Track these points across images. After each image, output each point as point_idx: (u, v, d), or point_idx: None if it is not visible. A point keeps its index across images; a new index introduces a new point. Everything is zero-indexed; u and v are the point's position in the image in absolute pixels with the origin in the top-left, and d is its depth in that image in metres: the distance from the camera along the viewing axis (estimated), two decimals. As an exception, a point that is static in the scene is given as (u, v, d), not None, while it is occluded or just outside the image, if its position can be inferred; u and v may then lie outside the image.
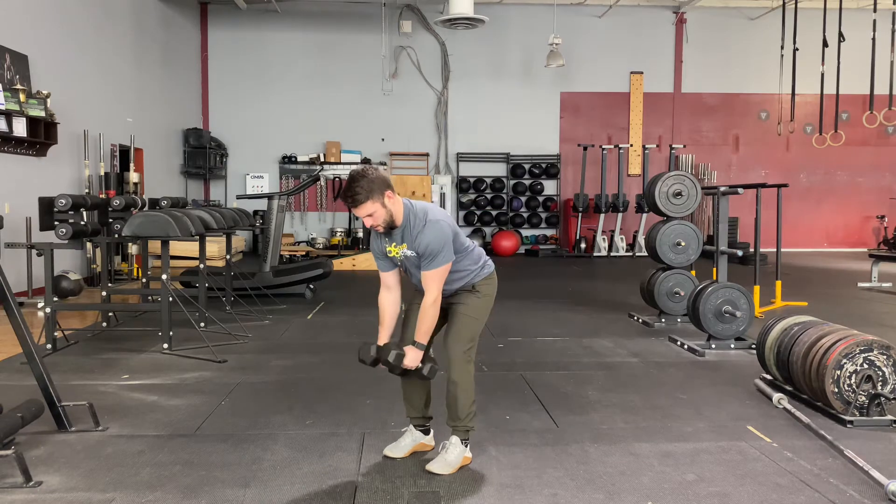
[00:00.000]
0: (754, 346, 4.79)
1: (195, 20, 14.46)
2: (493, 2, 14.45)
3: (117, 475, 3.02)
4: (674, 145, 14.42)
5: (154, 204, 6.71)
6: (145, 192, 10.91)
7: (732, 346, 5.40)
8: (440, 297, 3.02)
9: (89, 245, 8.96)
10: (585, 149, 14.18)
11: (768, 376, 4.40)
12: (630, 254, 14.24)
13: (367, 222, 2.96)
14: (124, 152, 10.61)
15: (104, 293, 6.13)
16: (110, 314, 6.26)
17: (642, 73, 15.27)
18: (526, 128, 15.11)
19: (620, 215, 14.39)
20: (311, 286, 8.38)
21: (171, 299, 5.27)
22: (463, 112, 15.05)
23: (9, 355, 5.06)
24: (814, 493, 2.87)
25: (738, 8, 15.04)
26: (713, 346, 5.39)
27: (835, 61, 10.63)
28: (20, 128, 7.70)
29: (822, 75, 10.89)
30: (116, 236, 6.01)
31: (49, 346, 5.24)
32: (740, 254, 5.62)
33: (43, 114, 8.05)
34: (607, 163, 14.23)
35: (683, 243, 6.41)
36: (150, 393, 4.27)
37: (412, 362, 3.02)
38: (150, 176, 11.65)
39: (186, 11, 13.87)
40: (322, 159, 14.72)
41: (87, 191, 9.23)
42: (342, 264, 11.42)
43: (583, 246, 14.21)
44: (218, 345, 5.50)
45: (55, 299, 5.53)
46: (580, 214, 14.21)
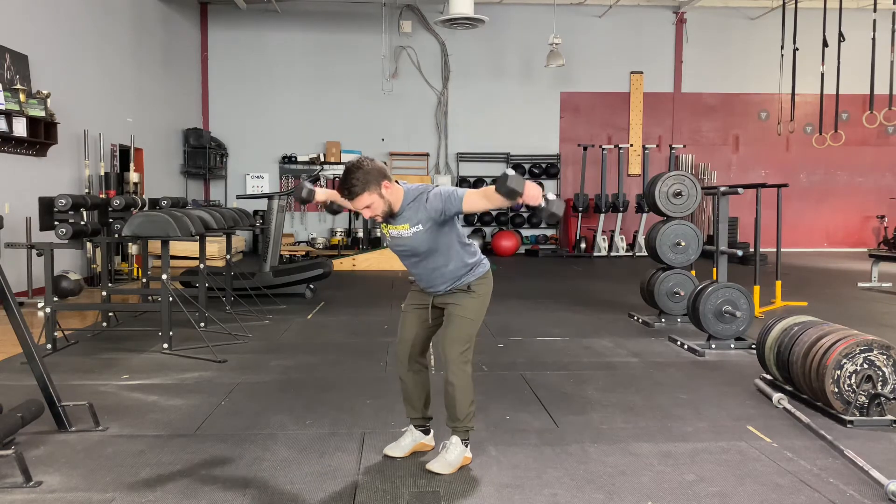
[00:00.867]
0: (754, 346, 4.79)
1: (195, 20, 14.46)
2: (493, 2, 14.46)
3: (117, 475, 3.01)
4: (674, 145, 14.42)
5: (154, 204, 6.71)
6: (145, 192, 10.92)
7: (732, 346, 5.40)
8: (487, 193, 2.80)
9: (89, 245, 8.96)
10: (585, 149, 14.18)
11: (768, 376, 4.40)
12: (630, 254, 14.24)
13: (366, 214, 2.93)
14: (124, 152, 10.61)
15: (104, 293, 6.13)
16: (110, 314, 6.25)
17: (642, 73, 15.27)
18: (526, 128, 15.12)
19: (620, 215, 14.40)
20: (311, 286, 8.38)
21: (171, 299, 5.27)
22: (463, 112, 15.05)
23: (9, 355, 5.06)
24: (814, 493, 2.87)
25: (738, 8, 15.04)
26: (713, 346, 5.39)
27: (835, 61, 10.64)
28: (20, 128, 7.70)
29: (822, 75, 10.90)
30: (116, 236, 6.01)
31: (49, 346, 5.24)
32: (740, 254, 5.62)
33: (43, 114, 8.05)
34: (607, 163, 14.23)
35: (683, 243, 6.41)
36: (150, 393, 4.27)
37: (534, 191, 2.70)
38: (150, 176, 11.65)
39: (186, 11, 13.87)
40: (322, 159, 14.72)
41: (87, 191, 9.23)
42: (342, 264, 11.42)
43: (583, 246, 14.21)
44: (218, 345, 5.50)
45: (55, 299, 5.53)
46: (580, 214, 14.21)
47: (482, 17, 11.22)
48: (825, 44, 10.75)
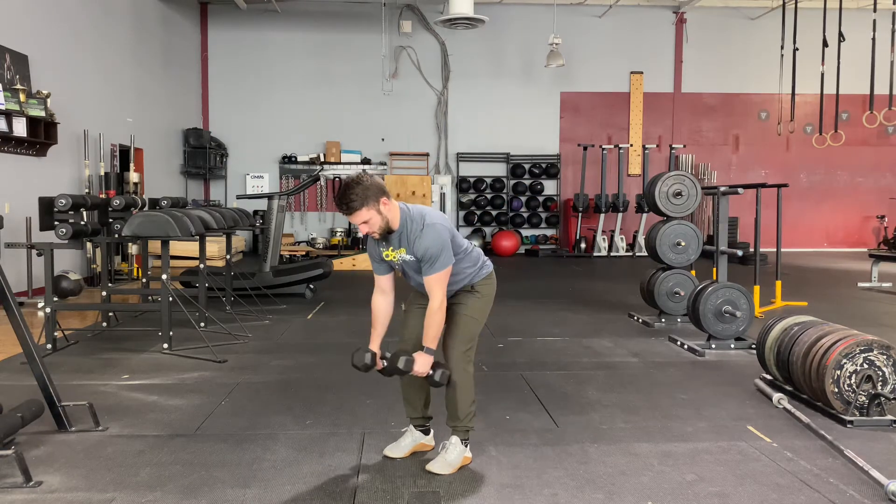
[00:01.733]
0: (754, 346, 4.79)
1: (195, 20, 14.46)
2: (493, 2, 14.45)
3: (117, 475, 3.02)
4: (674, 145, 14.42)
5: (154, 204, 6.70)
6: (145, 192, 10.91)
7: (732, 346, 5.40)
8: (445, 301, 3.01)
9: (89, 245, 8.96)
10: (585, 149, 14.18)
11: (768, 376, 4.40)
12: (630, 254, 14.24)
13: (363, 229, 2.94)
14: (124, 152, 10.61)
15: (104, 293, 6.13)
16: (110, 314, 6.25)
17: (642, 73, 15.27)
18: (526, 128, 15.11)
19: (620, 215, 14.39)
20: (311, 286, 8.38)
21: (171, 299, 5.27)
22: (463, 112, 15.05)
23: (9, 355, 5.06)
24: (814, 493, 2.87)
25: (738, 8, 15.04)
26: (713, 346, 5.39)
27: (835, 61, 10.63)
28: (20, 128, 7.70)
29: (822, 75, 10.89)
30: (116, 236, 6.00)
31: (49, 346, 5.23)
32: (740, 254, 5.62)
33: (43, 114, 8.05)
34: (607, 163, 14.23)
35: (683, 243, 6.41)
36: (150, 393, 4.27)
37: (423, 368, 2.98)
38: (150, 176, 11.65)
39: (186, 11, 13.87)
40: (322, 159, 14.72)
41: (87, 191, 9.23)
42: (342, 264, 11.42)
43: (583, 246, 14.21)
44: (218, 345, 5.50)
45: (55, 299, 5.52)
46: (580, 214, 14.21)
47: (482, 17, 11.21)
48: (825, 44, 10.75)
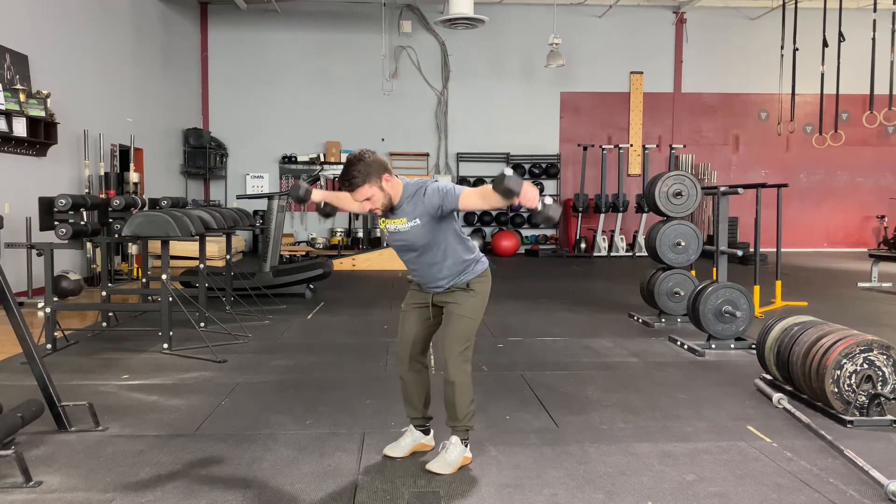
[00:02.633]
0: (754, 346, 4.79)
1: (195, 20, 14.46)
2: (493, 2, 14.46)
3: (117, 475, 3.01)
4: (674, 145, 14.42)
5: (154, 204, 6.70)
6: (145, 192, 10.92)
7: (732, 346, 5.40)
8: (485, 192, 2.78)
9: (89, 245, 8.96)
10: (585, 149, 14.18)
11: (768, 376, 4.40)
12: (630, 254, 14.24)
13: (366, 206, 2.94)
14: (124, 152, 10.61)
15: (104, 293, 6.12)
16: (110, 314, 6.25)
17: (642, 73, 15.27)
18: (526, 128, 15.11)
19: (620, 215, 14.40)
20: (311, 286, 8.38)
21: (171, 299, 5.27)
22: (463, 112, 15.05)
23: (9, 355, 5.06)
24: (814, 493, 2.87)
25: (738, 8, 15.04)
26: (713, 346, 5.38)
27: (835, 61, 10.64)
28: (20, 128, 7.71)
29: (822, 75, 10.90)
30: (116, 236, 6.01)
31: (49, 346, 5.23)
32: (740, 254, 5.61)
33: (43, 114, 8.05)
34: (607, 163, 14.23)
35: (683, 243, 6.41)
36: (150, 393, 4.27)
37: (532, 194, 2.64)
38: (150, 176, 11.65)
39: (186, 11, 13.87)
40: (322, 159, 14.72)
41: (87, 191, 9.23)
42: (342, 264, 11.42)
43: (583, 246, 14.22)
44: (218, 345, 5.50)
45: (55, 299, 5.53)
46: (580, 214, 14.22)
47: (482, 17, 11.22)
48: (825, 44, 10.75)
